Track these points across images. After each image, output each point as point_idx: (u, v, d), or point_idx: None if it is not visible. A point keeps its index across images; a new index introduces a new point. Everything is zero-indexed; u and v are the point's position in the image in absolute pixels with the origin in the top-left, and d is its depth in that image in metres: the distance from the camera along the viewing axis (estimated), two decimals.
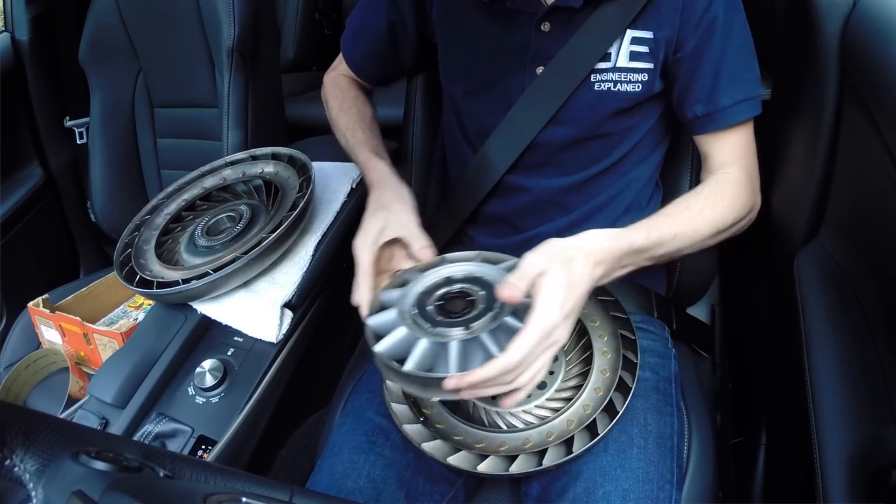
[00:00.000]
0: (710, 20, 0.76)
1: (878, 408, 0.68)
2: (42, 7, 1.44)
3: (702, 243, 0.77)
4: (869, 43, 0.72)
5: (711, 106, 0.79)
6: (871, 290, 0.75)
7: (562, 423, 0.71)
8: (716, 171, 0.81)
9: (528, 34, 0.81)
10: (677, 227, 0.74)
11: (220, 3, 1.17)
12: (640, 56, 0.78)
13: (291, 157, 1.04)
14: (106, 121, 1.36)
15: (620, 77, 0.79)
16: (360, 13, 0.97)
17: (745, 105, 0.79)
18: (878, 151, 0.68)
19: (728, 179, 0.80)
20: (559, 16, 0.79)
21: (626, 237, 0.70)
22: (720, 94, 0.78)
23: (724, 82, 0.78)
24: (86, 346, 1.01)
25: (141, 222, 1.02)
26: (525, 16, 0.80)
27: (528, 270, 0.64)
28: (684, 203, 0.77)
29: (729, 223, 0.78)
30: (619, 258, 0.70)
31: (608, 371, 0.74)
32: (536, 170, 0.86)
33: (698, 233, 0.76)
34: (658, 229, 0.73)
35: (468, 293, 0.70)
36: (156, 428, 0.86)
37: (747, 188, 0.80)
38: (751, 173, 0.82)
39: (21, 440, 0.35)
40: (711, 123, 0.80)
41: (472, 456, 0.70)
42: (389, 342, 0.66)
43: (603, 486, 0.68)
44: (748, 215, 0.81)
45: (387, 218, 0.79)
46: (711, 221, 0.76)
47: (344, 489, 0.72)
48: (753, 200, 0.82)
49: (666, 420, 0.76)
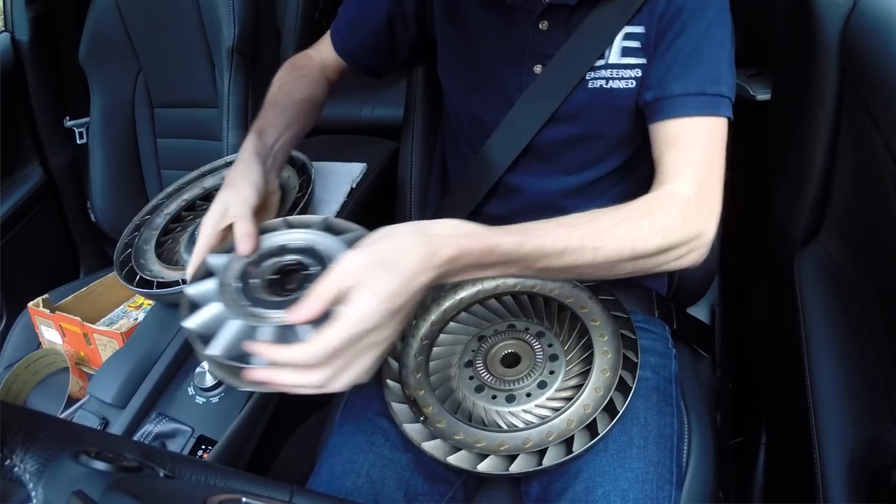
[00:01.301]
0: (679, 7, 0.73)
1: (878, 408, 0.68)
2: (42, 7, 1.44)
3: (612, 266, 0.65)
4: (869, 43, 0.72)
5: (659, 91, 0.73)
6: (871, 290, 0.75)
7: (562, 423, 0.71)
8: (661, 184, 0.70)
9: (526, 32, 0.80)
10: (571, 240, 0.63)
11: (220, 3, 1.17)
12: (632, 52, 0.77)
13: (291, 157, 1.04)
14: (106, 121, 1.36)
15: (613, 74, 0.78)
16: (356, 2, 0.95)
17: (698, 100, 0.71)
18: (879, 151, 0.68)
19: (667, 194, 0.68)
20: (556, 14, 0.78)
21: (491, 237, 0.60)
22: (671, 81, 0.73)
23: (678, 69, 0.73)
24: (86, 346, 1.01)
25: (141, 222, 1.02)
26: (524, 13, 0.80)
27: (332, 283, 0.55)
28: (597, 215, 0.65)
29: (654, 248, 0.65)
30: (478, 257, 0.60)
31: (608, 371, 0.74)
32: (535, 170, 0.86)
33: (603, 252, 0.63)
34: (541, 238, 0.62)
35: (304, 266, 0.62)
36: (156, 428, 0.86)
37: (693, 209, 0.67)
38: (703, 192, 0.68)
39: (21, 440, 0.35)
40: (658, 111, 0.73)
41: (471, 455, 0.70)
42: (201, 318, 0.58)
43: (602, 486, 0.68)
44: (689, 243, 0.66)
45: (229, 198, 0.72)
46: (626, 242, 0.64)
47: (343, 489, 0.72)
48: (701, 226, 0.67)
49: (666, 420, 0.76)
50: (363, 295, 0.54)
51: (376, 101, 1.73)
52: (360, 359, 0.56)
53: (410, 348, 0.83)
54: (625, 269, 0.66)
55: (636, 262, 0.65)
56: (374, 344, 0.56)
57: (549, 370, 0.76)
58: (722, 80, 0.73)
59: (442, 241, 0.58)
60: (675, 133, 0.72)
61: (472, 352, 0.80)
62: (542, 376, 0.76)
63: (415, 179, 1.07)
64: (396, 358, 0.81)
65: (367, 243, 0.58)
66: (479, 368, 0.78)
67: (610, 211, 0.66)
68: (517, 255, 0.61)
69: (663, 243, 0.65)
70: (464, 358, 0.80)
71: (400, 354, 0.82)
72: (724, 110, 0.72)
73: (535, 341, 0.79)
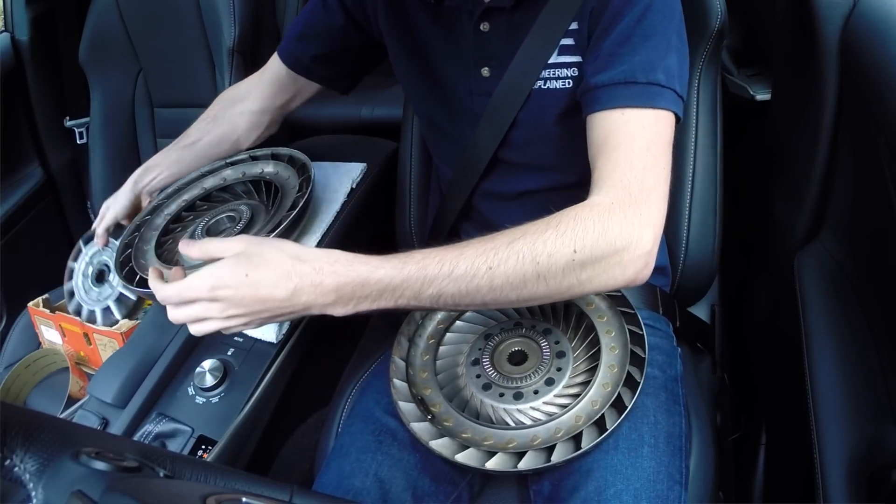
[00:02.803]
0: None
1: (878, 408, 0.68)
2: (42, 7, 1.44)
3: (517, 288, 0.59)
4: (869, 43, 0.72)
5: (585, 83, 0.68)
6: (871, 290, 0.75)
7: (570, 419, 0.71)
8: (590, 192, 0.64)
9: (468, 34, 0.80)
10: (460, 261, 0.58)
11: (220, 3, 1.18)
12: (568, 50, 0.74)
13: (291, 157, 1.04)
14: (106, 121, 1.36)
15: (549, 73, 0.75)
16: (304, 18, 0.95)
17: (626, 90, 0.64)
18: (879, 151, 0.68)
19: (588, 204, 0.61)
20: (496, 16, 0.77)
21: (361, 268, 0.59)
22: (598, 71, 0.67)
23: (603, 59, 0.67)
24: (86, 346, 1.01)
25: (141, 223, 1.02)
26: (465, 15, 0.79)
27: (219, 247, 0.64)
28: (497, 234, 0.60)
29: (563, 264, 0.58)
30: (352, 289, 0.60)
31: (616, 366, 0.74)
32: (511, 172, 0.85)
33: (500, 272, 0.58)
34: (421, 262, 0.59)
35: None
36: (156, 428, 0.86)
37: (614, 218, 0.59)
38: (631, 199, 0.61)
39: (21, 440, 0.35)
40: (585, 107, 0.68)
41: (479, 453, 0.70)
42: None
43: (614, 485, 0.67)
44: (613, 257, 0.59)
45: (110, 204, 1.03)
46: (526, 259, 0.58)
47: (351, 489, 0.72)
48: (628, 237, 0.59)
49: (675, 420, 0.75)
50: (228, 263, 0.62)
51: (376, 101, 1.73)
52: (216, 319, 0.63)
53: (417, 347, 0.83)
54: (536, 291, 0.59)
55: (546, 281, 0.58)
56: (228, 306, 0.62)
57: (556, 367, 0.76)
58: (657, 68, 0.65)
59: (308, 270, 0.61)
60: (604, 130, 0.66)
61: (478, 350, 0.80)
62: (549, 373, 0.76)
63: (414, 179, 1.07)
64: (403, 357, 0.82)
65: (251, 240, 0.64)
66: (486, 366, 0.78)
67: (515, 228, 0.60)
68: (396, 282, 0.59)
69: (576, 258, 0.58)
70: (471, 356, 0.80)
71: (407, 354, 0.82)
72: (663, 102, 0.65)
73: (541, 338, 0.79)
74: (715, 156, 0.93)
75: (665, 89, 0.65)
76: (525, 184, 0.85)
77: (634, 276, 0.61)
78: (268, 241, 0.65)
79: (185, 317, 0.65)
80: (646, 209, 0.61)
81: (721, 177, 0.94)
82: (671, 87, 0.66)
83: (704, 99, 0.91)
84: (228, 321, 0.64)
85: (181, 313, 0.65)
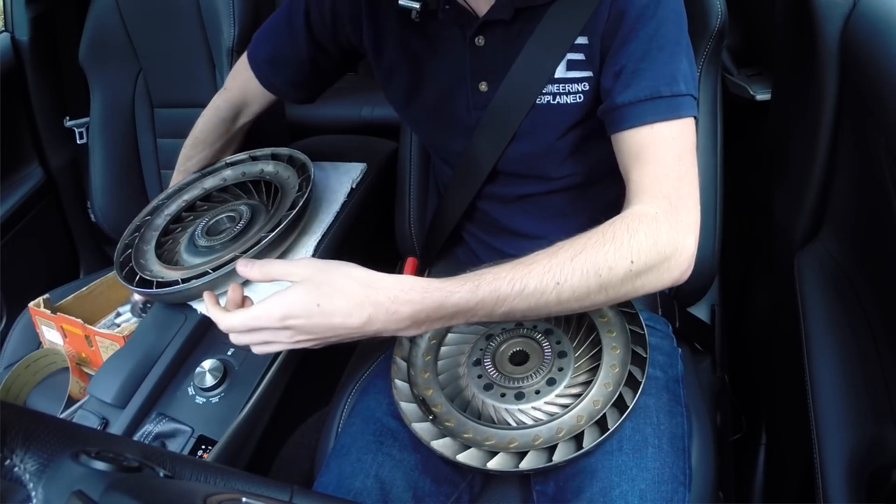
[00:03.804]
0: (619, 11, 0.69)
1: (878, 408, 0.68)
2: (42, 7, 1.44)
3: (582, 300, 0.61)
4: (869, 43, 0.72)
5: (610, 102, 0.68)
6: (871, 290, 0.75)
7: (572, 419, 0.71)
8: (629, 204, 0.66)
9: (464, 49, 0.78)
10: (529, 279, 0.60)
11: (220, 3, 1.18)
12: (578, 65, 0.73)
13: (291, 157, 1.04)
14: (106, 121, 1.36)
15: (559, 89, 0.74)
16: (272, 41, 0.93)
17: (653, 104, 0.66)
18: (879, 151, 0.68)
19: (634, 215, 0.64)
20: (492, 29, 0.76)
21: (437, 294, 0.60)
22: (622, 89, 0.67)
23: (627, 76, 0.67)
24: (87, 347, 1.01)
25: (141, 223, 1.02)
26: (457, 30, 0.77)
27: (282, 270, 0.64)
28: (557, 248, 0.62)
29: (622, 275, 0.61)
30: (427, 314, 0.60)
31: (617, 366, 0.74)
32: (511, 181, 0.85)
33: (567, 286, 0.60)
34: (494, 283, 0.60)
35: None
36: (156, 428, 0.85)
37: (662, 227, 0.63)
38: (673, 208, 0.64)
39: (21, 440, 0.35)
40: (613, 124, 0.69)
41: (481, 453, 0.70)
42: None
43: (620, 486, 0.67)
44: (664, 264, 0.63)
45: None
46: (590, 273, 0.60)
47: (352, 489, 0.72)
48: (676, 244, 0.63)
49: (677, 420, 0.75)
50: (297, 292, 0.61)
51: (376, 101, 1.73)
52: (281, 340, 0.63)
53: (419, 348, 0.83)
54: (597, 300, 0.62)
55: (607, 292, 0.61)
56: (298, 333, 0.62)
57: (557, 367, 0.76)
58: (678, 77, 0.67)
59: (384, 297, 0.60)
60: (635, 145, 0.67)
61: (480, 350, 0.80)
62: (550, 373, 0.76)
63: (414, 179, 1.07)
64: (405, 358, 0.82)
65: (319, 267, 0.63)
66: (487, 367, 0.78)
67: (573, 241, 0.62)
68: (471, 304, 0.60)
69: (633, 268, 0.61)
70: (472, 357, 0.80)
71: (408, 354, 0.82)
72: (686, 110, 0.67)
73: (543, 339, 0.79)
74: (715, 156, 0.93)
75: (685, 97, 0.67)
76: (527, 188, 0.85)
77: (679, 278, 0.65)
78: (335, 267, 0.63)
79: (250, 341, 0.64)
80: (685, 215, 0.65)
81: (721, 177, 0.94)
82: (689, 93, 0.68)
83: (704, 99, 0.91)
84: (295, 345, 0.63)
85: (245, 339, 0.64)
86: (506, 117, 0.78)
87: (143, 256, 0.97)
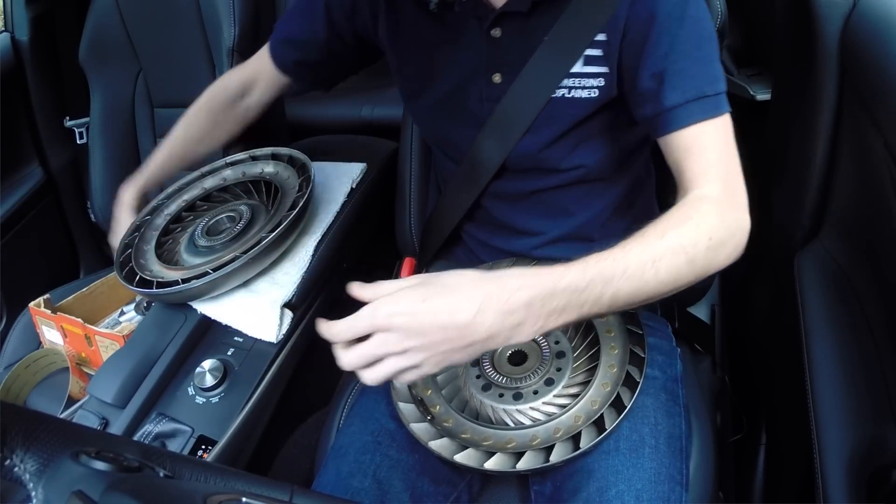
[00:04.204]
0: (650, 14, 0.70)
1: (878, 408, 0.68)
2: (42, 7, 1.44)
3: (675, 278, 0.63)
4: (869, 43, 0.72)
5: (658, 106, 0.71)
6: (871, 290, 0.75)
7: (569, 419, 0.71)
8: (687, 191, 0.70)
9: (480, 41, 0.79)
10: (629, 258, 0.62)
11: (220, 3, 1.18)
12: (595, 60, 0.75)
13: (291, 157, 1.04)
14: (106, 121, 1.36)
15: (576, 83, 0.76)
16: (292, 21, 0.95)
17: (700, 104, 0.70)
18: (879, 151, 0.68)
19: (698, 198, 0.68)
20: (509, 21, 0.77)
21: (548, 278, 0.59)
22: (668, 91, 0.70)
23: (671, 79, 0.70)
24: (87, 347, 1.01)
25: (141, 223, 1.02)
26: (474, 21, 0.78)
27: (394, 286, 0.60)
28: (640, 233, 0.65)
29: (703, 250, 0.64)
30: (542, 302, 0.59)
31: (615, 366, 0.74)
32: (519, 175, 0.85)
33: (663, 264, 0.62)
34: (599, 264, 0.60)
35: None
36: (156, 428, 0.85)
37: (725, 206, 0.68)
38: (729, 189, 0.69)
39: (21, 440, 0.35)
40: (663, 126, 0.71)
41: (478, 453, 0.70)
42: None
43: (616, 486, 0.67)
44: (732, 239, 0.67)
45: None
46: (678, 249, 0.63)
47: (350, 489, 0.72)
48: (738, 221, 0.68)
49: (675, 420, 0.75)
50: (404, 289, 0.58)
51: (376, 101, 1.73)
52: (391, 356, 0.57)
53: None
54: (685, 278, 0.64)
55: (694, 268, 0.64)
56: (405, 336, 0.57)
57: (555, 367, 0.76)
58: (718, 76, 0.71)
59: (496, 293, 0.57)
60: (686, 142, 0.71)
61: None
62: (548, 373, 0.76)
63: (414, 179, 1.07)
64: None
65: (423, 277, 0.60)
66: (485, 367, 0.78)
67: (653, 225, 0.65)
68: (581, 286, 0.59)
69: (710, 243, 0.64)
70: None
71: None
72: (726, 107, 0.71)
73: (541, 339, 0.79)
74: None
75: (724, 93, 0.71)
76: (533, 184, 0.85)
77: (740, 252, 0.68)
78: (446, 272, 0.61)
79: (358, 357, 0.58)
80: (739, 195, 0.69)
81: None
82: (725, 90, 0.71)
83: None
84: (406, 357, 0.58)
85: (353, 355, 0.58)
86: (519, 110, 0.78)
87: (143, 256, 0.97)
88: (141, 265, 0.95)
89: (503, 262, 0.89)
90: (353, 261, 1.15)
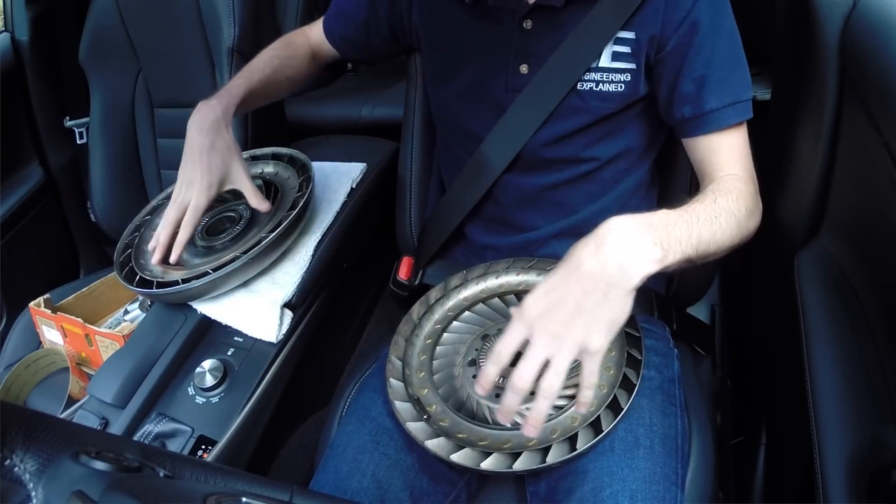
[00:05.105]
0: (693, 22, 0.76)
1: (878, 408, 0.68)
2: (42, 7, 1.44)
3: (730, 236, 0.70)
4: (869, 43, 0.72)
5: (698, 108, 0.77)
6: (871, 290, 0.75)
7: (566, 420, 0.71)
8: (714, 177, 0.78)
9: (511, 32, 0.82)
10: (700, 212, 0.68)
11: (220, 3, 1.18)
12: (623, 56, 0.79)
13: (291, 157, 1.04)
14: (106, 121, 1.36)
15: (603, 77, 0.80)
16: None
17: (735, 109, 0.77)
18: (879, 151, 0.68)
19: (731, 178, 0.76)
20: (541, 14, 0.80)
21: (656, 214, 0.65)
22: (708, 96, 0.77)
23: (712, 85, 0.77)
24: (87, 347, 1.01)
25: (141, 223, 1.02)
26: (507, 13, 0.81)
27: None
28: (692, 201, 0.71)
29: (744, 216, 0.72)
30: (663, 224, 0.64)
31: (612, 368, 0.74)
32: (531, 169, 0.87)
33: (721, 220, 0.69)
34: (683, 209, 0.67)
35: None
36: (156, 428, 0.86)
37: (751, 187, 0.77)
38: (751, 177, 0.79)
39: (21, 440, 0.35)
40: (700, 127, 0.78)
41: (475, 453, 0.70)
42: None
43: (610, 486, 0.68)
44: (756, 213, 0.77)
45: (224, 170, 0.89)
46: (728, 210, 0.70)
47: (349, 489, 0.72)
48: (757, 202, 0.78)
49: (671, 421, 0.76)
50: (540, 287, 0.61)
51: (376, 101, 1.73)
52: (537, 349, 0.60)
53: (414, 347, 0.83)
54: (733, 239, 0.71)
55: (740, 230, 0.72)
56: (545, 324, 0.60)
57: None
58: (749, 83, 0.79)
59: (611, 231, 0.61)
60: (717, 142, 0.78)
61: (475, 350, 0.80)
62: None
63: (415, 179, 1.07)
64: (400, 357, 0.82)
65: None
66: (482, 367, 0.78)
67: (700, 195, 0.72)
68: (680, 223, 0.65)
69: (746, 213, 0.73)
70: (467, 357, 0.80)
71: (404, 354, 0.82)
72: (751, 111, 0.79)
73: None
74: None
75: (748, 102, 0.78)
76: (545, 179, 0.87)
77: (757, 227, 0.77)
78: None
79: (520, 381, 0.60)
80: (755, 183, 0.79)
81: None
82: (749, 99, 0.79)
83: None
84: (553, 344, 0.60)
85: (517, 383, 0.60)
86: (541, 99, 0.81)
87: (143, 256, 0.97)
88: (141, 265, 0.95)
89: (500, 263, 0.89)
90: (353, 261, 1.15)
